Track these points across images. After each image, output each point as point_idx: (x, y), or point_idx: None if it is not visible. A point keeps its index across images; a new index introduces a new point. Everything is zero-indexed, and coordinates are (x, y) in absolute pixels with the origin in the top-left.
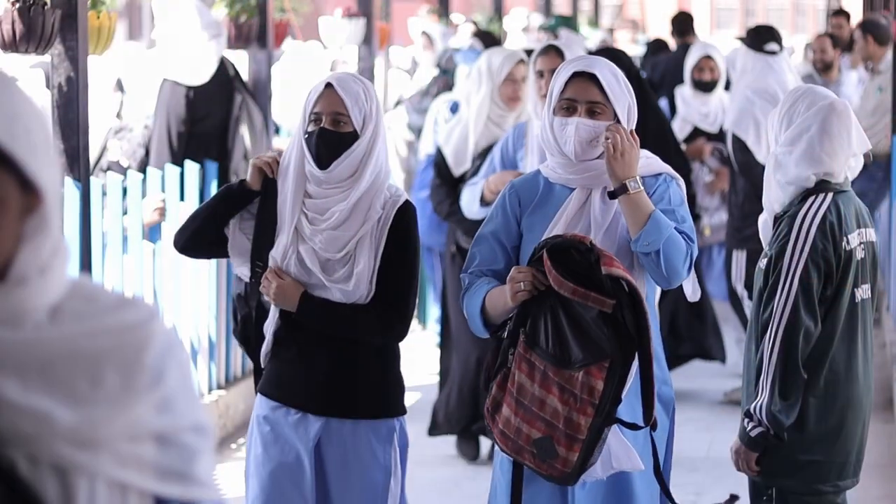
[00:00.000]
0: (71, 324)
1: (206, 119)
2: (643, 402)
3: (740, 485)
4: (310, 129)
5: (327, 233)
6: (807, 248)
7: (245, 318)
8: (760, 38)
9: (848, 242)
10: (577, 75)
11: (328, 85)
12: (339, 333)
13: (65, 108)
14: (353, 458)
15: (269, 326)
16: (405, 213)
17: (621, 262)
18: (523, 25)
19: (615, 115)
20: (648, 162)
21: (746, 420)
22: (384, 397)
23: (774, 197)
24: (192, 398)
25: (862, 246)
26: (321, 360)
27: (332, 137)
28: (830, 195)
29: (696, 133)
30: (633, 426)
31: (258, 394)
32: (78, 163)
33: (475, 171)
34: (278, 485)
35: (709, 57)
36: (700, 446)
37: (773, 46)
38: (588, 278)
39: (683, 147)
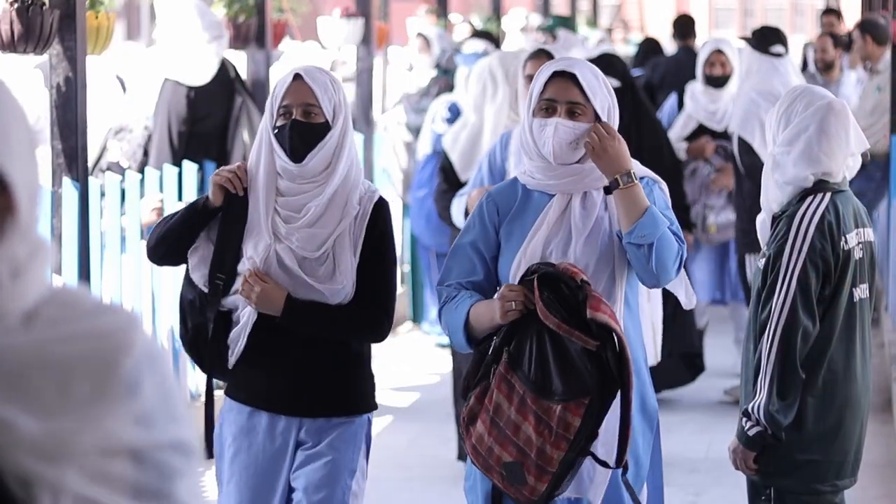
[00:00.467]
0: (44, 329)
1: (206, 119)
2: (619, 444)
3: (739, 485)
4: (279, 124)
5: (304, 230)
6: (805, 248)
7: (198, 327)
8: (766, 39)
9: (846, 242)
10: (556, 75)
11: (296, 77)
12: (326, 335)
13: (63, 109)
14: (322, 450)
15: (243, 331)
16: (382, 209)
17: (602, 270)
18: (522, 25)
19: (596, 115)
20: None
21: (744, 419)
22: (357, 395)
23: (772, 197)
24: (174, 413)
25: (860, 246)
26: (294, 362)
27: (304, 129)
28: (829, 195)
29: (701, 130)
30: (604, 464)
31: (226, 397)
32: (76, 163)
33: None
34: (252, 489)
35: (719, 51)
36: (699, 447)
37: (778, 48)
38: (577, 312)
39: (685, 145)
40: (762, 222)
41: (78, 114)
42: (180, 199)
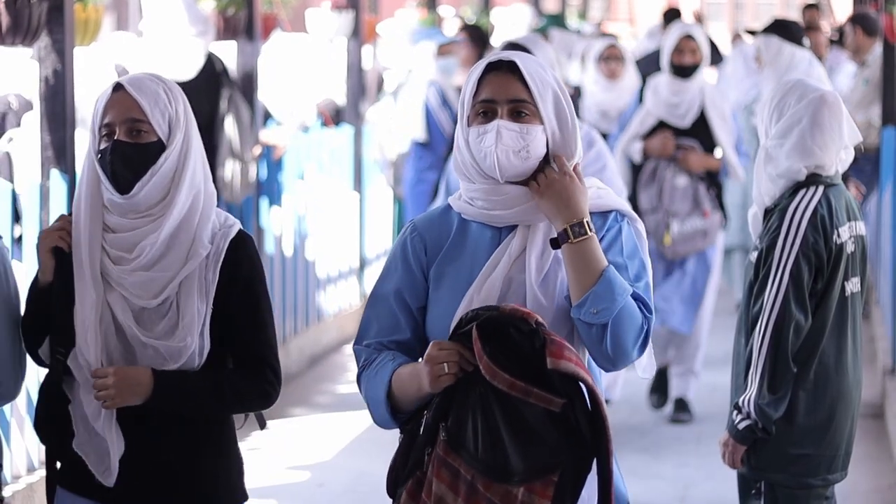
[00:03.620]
0: None
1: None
2: None
3: (730, 479)
4: (102, 146)
5: (139, 274)
6: (798, 242)
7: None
8: (798, 32)
9: (839, 236)
10: (492, 70)
11: (117, 87)
12: (209, 410)
13: (51, 101)
14: None
15: (112, 430)
16: (243, 246)
17: (561, 328)
18: (514, 20)
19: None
20: (598, 193)
21: (735, 412)
22: (223, 483)
23: (765, 190)
24: None
25: (852, 239)
26: (137, 446)
27: (130, 151)
28: (821, 188)
29: (661, 127)
30: None
31: (58, 488)
32: (65, 155)
33: None
34: None
35: (689, 37)
36: (689, 441)
37: (807, 41)
38: (531, 365)
39: (640, 144)
40: (754, 216)
41: (66, 106)
42: None
